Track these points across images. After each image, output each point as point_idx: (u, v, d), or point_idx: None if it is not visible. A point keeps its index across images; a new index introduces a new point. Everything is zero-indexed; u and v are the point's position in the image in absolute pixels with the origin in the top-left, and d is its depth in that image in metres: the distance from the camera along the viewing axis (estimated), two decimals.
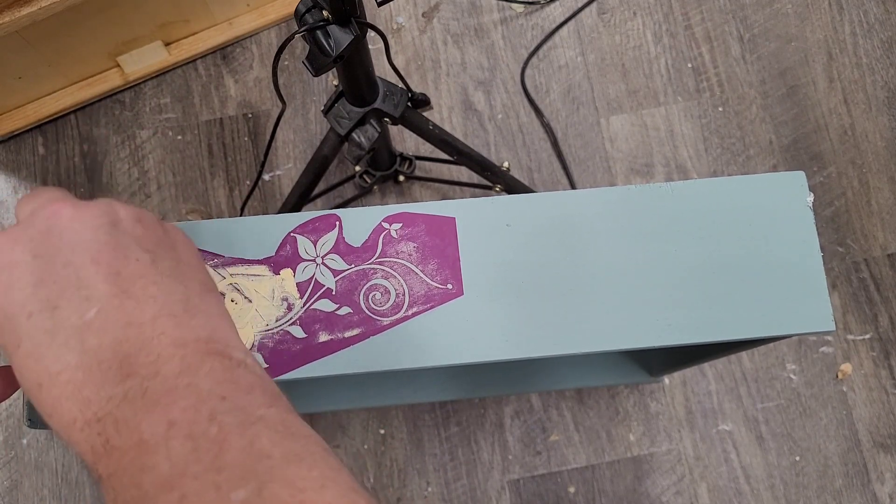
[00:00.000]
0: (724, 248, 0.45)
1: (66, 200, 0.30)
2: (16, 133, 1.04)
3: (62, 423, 0.26)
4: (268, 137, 0.98)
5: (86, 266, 0.28)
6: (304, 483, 0.24)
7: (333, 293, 0.44)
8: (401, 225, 0.45)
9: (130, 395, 0.26)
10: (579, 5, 1.11)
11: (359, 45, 0.60)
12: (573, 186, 1.04)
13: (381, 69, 1.02)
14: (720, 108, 1.08)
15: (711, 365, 0.99)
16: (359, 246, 0.45)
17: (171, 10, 0.99)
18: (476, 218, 0.45)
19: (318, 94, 1.07)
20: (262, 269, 0.44)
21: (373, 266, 0.44)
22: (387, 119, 0.75)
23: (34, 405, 0.28)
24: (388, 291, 0.44)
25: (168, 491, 0.24)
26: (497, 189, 0.92)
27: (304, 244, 0.45)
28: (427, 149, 1.01)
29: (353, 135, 0.72)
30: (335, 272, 0.44)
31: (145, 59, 1.03)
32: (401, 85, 0.74)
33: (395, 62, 0.85)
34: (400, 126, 0.78)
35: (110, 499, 0.25)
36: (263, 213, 1.04)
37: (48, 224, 0.29)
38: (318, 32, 0.57)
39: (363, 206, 0.74)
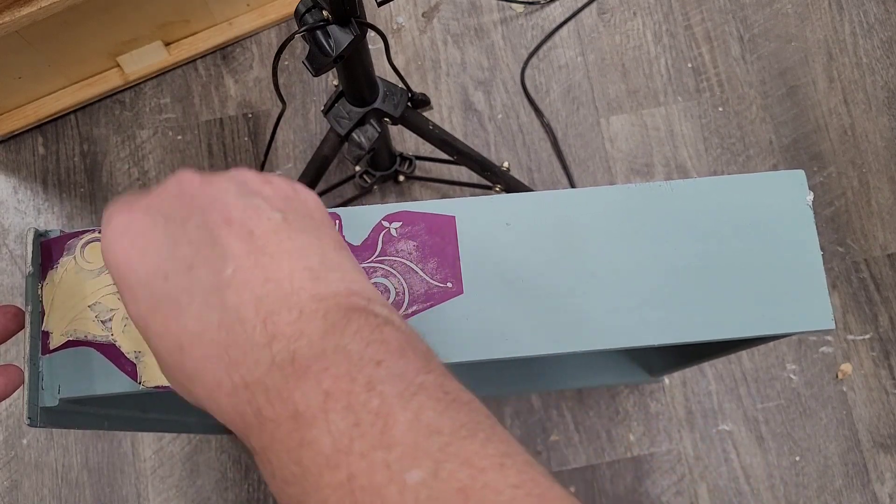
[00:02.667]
0: (724, 247, 0.45)
1: (195, 172, 0.30)
2: (16, 133, 1.04)
3: (207, 387, 0.25)
4: (268, 137, 0.98)
5: (219, 226, 0.27)
6: (482, 462, 0.23)
7: None
8: (400, 223, 0.45)
9: (279, 360, 0.24)
10: (579, 5, 1.11)
11: (359, 45, 0.60)
12: (573, 186, 1.04)
13: (381, 69, 1.02)
14: (720, 108, 1.08)
15: (711, 365, 0.99)
16: (358, 244, 0.45)
17: (171, 10, 0.99)
18: (476, 216, 0.45)
19: (318, 94, 1.07)
20: None
21: (372, 264, 0.44)
22: (387, 119, 0.75)
23: (173, 374, 0.27)
24: (388, 290, 0.44)
25: (333, 469, 0.22)
26: (497, 189, 0.92)
27: None
28: (427, 149, 1.01)
29: (353, 135, 0.72)
30: None
31: (145, 59, 1.03)
32: (401, 85, 0.74)
33: (395, 62, 0.85)
34: (400, 126, 0.78)
35: (268, 473, 0.24)
36: None
37: (179, 189, 0.29)
38: (318, 32, 0.57)
39: (363, 205, 0.74)
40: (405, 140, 1.04)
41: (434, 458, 0.22)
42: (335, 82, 1.08)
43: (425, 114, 0.81)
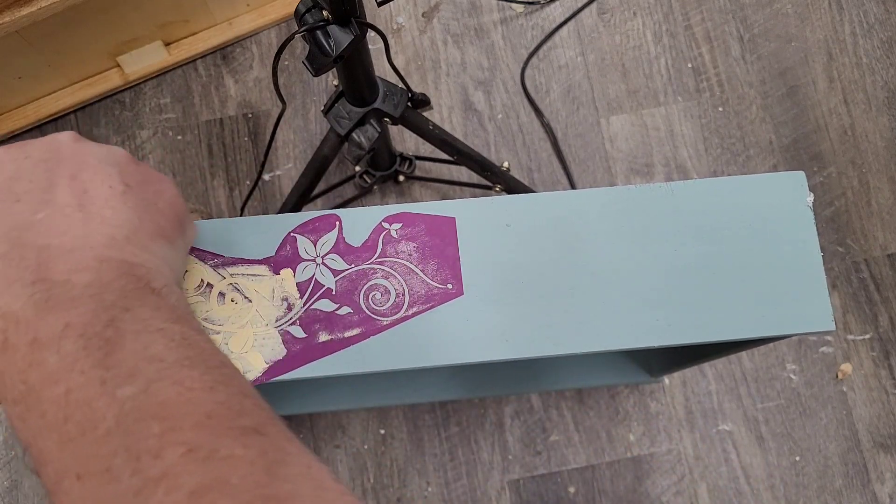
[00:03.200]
0: (724, 249, 0.45)
1: (80, 136, 0.33)
2: (16, 133, 1.04)
3: None
4: (268, 137, 0.98)
5: (61, 177, 0.30)
6: (193, 384, 0.25)
7: (333, 293, 0.44)
8: (401, 225, 0.45)
9: (36, 298, 0.26)
10: (579, 5, 1.11)
11: (359, 45, 0.60)
12: (573, 186, 1.04)
13: (381, 69, 1.02)
14: (720, 108, 1.08)
15: (711, 365, 0.99)
16: (359, 246, 0.45)
17: (171, 10, 0.99)
18: (476, 218, 0.45)
19: (318, 94, 1.07)
20: (262, 269, 0.44)
21: (373, 266, 0.44)
22: (387, 119, 0.75)
23: None
24: (388, 291, 0.44)
25: (53, 384, 0.24)
26: (497, 189, 0.92)
27: (303, 244, 0.45)
28: (427, 149, 1.01)
29: (353, 135, 0.72)
30: (335, 272, 0.44)
31: (145, 59, 1.03)
32: (401, 85, 0.74)
33: (395, 62, 0.85)
34: (400, 126, 0.78)
35: (1, 397, 0.26)
36: (263, 213, 1.04)
37: (54, 140, 0.31)
38: (318, 32, 0.57)
39: (363, 206, 0.74)
40: (405, 140, 1.04)
41: (148, 378, 0.25)
42: (335, 82, 1.08)
43: (425, 114, 0.81)
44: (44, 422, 0.24)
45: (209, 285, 0.43)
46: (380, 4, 0.55)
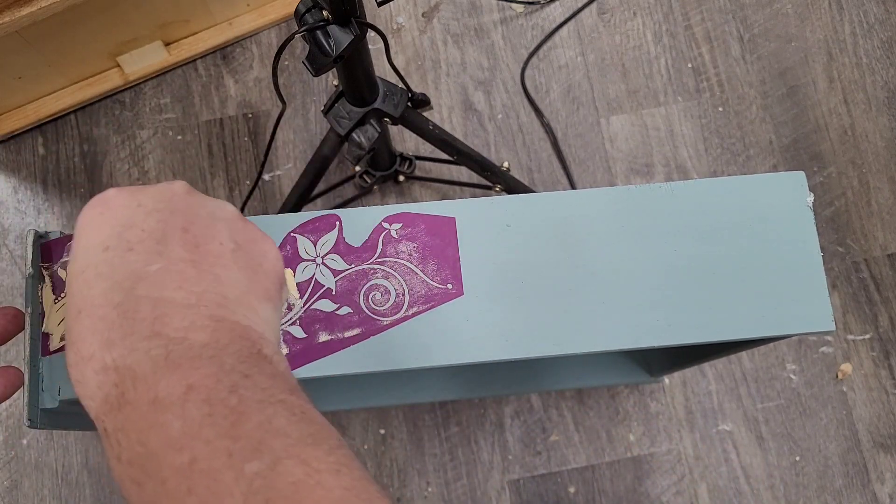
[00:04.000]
0: (724, 249, 0.45)
1: (192, 188, 0.33)
2: (16, 133, 1.04)
3: (79, 355, 0.26)
4: (268, 137, 0.98)
5: (175, 229, 0.29)
6: (319, 465, 0.24)
7: (333, 293, 0.44)
8: (401, 225, 0.45)
9: (153, 354, 0.25)
10: (579, 5, 1.11)
11: (359, 45, 0.60)
12: (573, 186, 1.04)
13: (381, 69, 1.02)
14: (720, 109, 1.08)
15: (711, 365, 0.99)
16: (359, 246, 0.45)
17: (171, 10, 0.99)
18: (476, 218, 0.45)
19: (318, 94, 1.07)
20: None
21: (373, 266, 0.44)
22: (387, 119, 0.75)
23: (67, 335, 0.28)
24: (388, 291, 0.44)
25: (177, 451, 0.23)
26: (497, 189, 0.92)
27: (304, 244, 0.45)
28: (427, 149, 1.01)
29: (353, 135, 0.72)
30: (335, 272, 0.44)
31: (145, 59, 1.03)
32: (401, 85, 0.74)
33: (395, 62, 0.85)
34: (400, 126, 0.78)
35: (113, 455, 0.25)
36: (263, 213, 1.04)
37: (168, 188, 0.31)
38: (318, 32, 0.57)
39: (363, 206, 0.74)
40: (405, 140, 1.04)
41: (276, 454, 0.23)
42: (335, 82, 1.08)
43: (425, 114, 0.81)
44: (163, 490, 0.23)
45: None
46: (380, 4, 0.55)
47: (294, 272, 0.44)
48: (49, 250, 0.42)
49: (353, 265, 0.44)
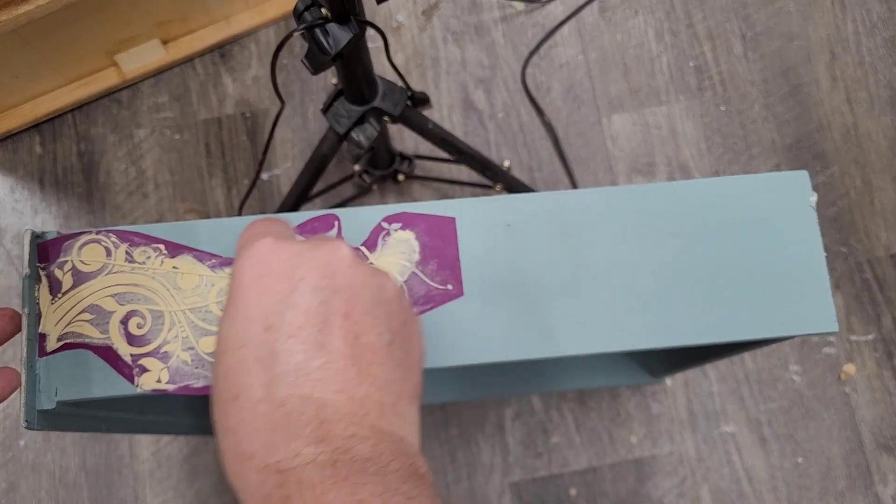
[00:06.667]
0: (727, 249, 0.45)
1: (353, 249, 0.30)
2: (13, 132, 1.03)
3: (239, 450, 0.26)
4: (266, 136, 0.97)
5: (337, 315, 0.28)
6: None
7: None
8: (400, 225, 0.44)
9: (320, 461, 0.25)
10: (580, 3, 1.11)
11: (358, 44, 0.60)
12: (574, 185, 1.03)
13: (381, 67, 1.01)
14: (722, 107, 1.07)
15: (714, 366, 0.98)
16: (358, 246, 0.44)
17: (169, 8, 0.98)
18: (476, 218, 0.44)
19: (316, 92, 1.07)
20: None
21: None
22: (386, 118, 0.74)
23: (215, 407, 0.27)
24: None
25: None
26: (497, 188, 0.92)
27: None
28: (427, 148, 1.00)
29: (352, 134, 0.72)
30: None
31: (143, 58, 1.02)
32: (400, 83, 0.73)
33: (394, 60, 0.84)
34: (399, 125, 0.77)
35: None
36: (262, 213, 1.03)
37: (332, 256, 0.29)
38: (317, 30, 0.56)
39: (362, 205, 0.73)
40: (405, 139, 1.04)
41: None
42: (334, 81, 1.07)
43: (425, 112, 0.80)
44: None
45: (208, 286, 0.42)
46: (379, 2, 0.55)
47: None
48: (46, 250, 0.41)
49: None
